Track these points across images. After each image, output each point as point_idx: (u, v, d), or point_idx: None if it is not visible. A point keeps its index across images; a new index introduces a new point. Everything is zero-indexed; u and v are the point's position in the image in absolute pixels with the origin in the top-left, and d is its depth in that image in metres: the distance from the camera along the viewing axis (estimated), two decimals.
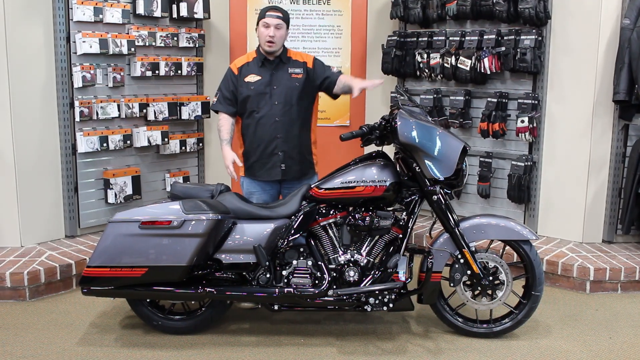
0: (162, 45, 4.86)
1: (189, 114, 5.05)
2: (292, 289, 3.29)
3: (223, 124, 3.79)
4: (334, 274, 3.33)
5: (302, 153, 3.83)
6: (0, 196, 4.26)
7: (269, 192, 3.84)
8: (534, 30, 4.45)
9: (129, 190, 4.74)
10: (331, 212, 3.38)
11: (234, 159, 3.68)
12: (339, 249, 3.37)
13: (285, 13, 3.75)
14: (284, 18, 3.72)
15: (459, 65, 4.72)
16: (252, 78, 3.76)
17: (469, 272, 3.33)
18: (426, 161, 3.19)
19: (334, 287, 3.32)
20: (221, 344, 3.37)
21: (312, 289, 3.30)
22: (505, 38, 4.57)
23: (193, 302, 3.54)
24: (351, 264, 3.32)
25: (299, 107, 3.76)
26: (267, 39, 3.67)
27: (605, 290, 4.15)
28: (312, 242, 3.39)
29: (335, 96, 3.88)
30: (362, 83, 3.65)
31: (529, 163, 4.60)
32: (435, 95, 4.98)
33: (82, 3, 4.36)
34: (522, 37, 4.47)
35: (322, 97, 3.93)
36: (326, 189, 3.32)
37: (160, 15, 4.82)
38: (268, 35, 3.67)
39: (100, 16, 4.47)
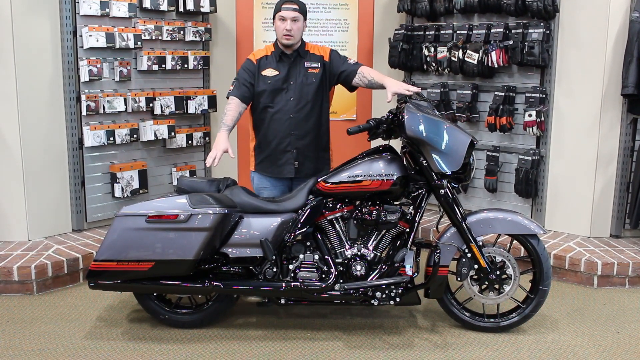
0: (169, 39, 4.85)
1: (196, 108, 5.05)
2: (298, 283, 3.29)
3: (231, 109, 3.59)
4: (341, 268, 3.33)
5: (317, 150, 3.77)
6: (8, 190, 4.28)
7: (280, 188, 3.79)
8: (542, 24, 4.42)
9: (135, 184, 4.75)
10: (338, 206, 3.37)
11: (227, 149, 3.46)
12: (346, 243, 3.36)
13: (302, 5, 3.67)
14: (300, 10, 3.64)
15: (466, 58, 4.70)
16: (269, 72, 3.68)
17: (476, 266, 3.32)
18: (433, 155, 3.18)
19: (341, 281, 3.31)
20: (228, 337, 3.38)
21: (319, 283, 3.29)
22: (513, 31, 4.54)
23: (200, 296, 3.54)
24: (358, 258, 3.32)
25: (314, 103, 3.69)
26: (284, 33, 3.60)
27: (613, 284, 4.13)
28: (318, 236, 3.38)
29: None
30: (395, 87, 3.42)
31: (536, 157, 4.58)
32: (442, 89, 4.96)
33: None
34: (530, 30, 4.44)
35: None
36: (333, 183, 3.31)
37: (166, 9, 4.81)
38: (285, 29, 3.60)
39: (107, 10, 4.46)
